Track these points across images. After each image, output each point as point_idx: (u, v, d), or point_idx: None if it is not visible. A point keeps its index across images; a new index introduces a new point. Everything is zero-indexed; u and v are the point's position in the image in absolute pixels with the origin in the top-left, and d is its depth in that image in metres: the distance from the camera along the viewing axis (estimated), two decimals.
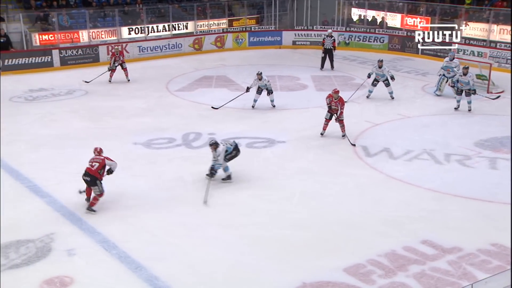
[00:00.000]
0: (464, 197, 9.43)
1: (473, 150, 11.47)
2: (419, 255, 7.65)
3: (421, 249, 7.80)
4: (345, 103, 12.25)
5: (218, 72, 18.66)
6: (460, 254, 7.65)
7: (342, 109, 12.15)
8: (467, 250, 7.71)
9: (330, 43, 18.99)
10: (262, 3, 23.58)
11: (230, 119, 13.80)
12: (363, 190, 9.85)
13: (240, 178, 10.36)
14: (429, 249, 7.79)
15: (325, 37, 19.20)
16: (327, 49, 18.93)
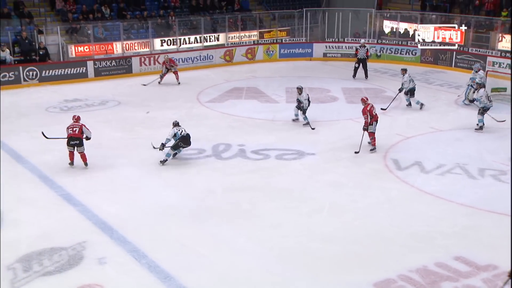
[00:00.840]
0: (499, 213, 9.22)
1: (508, 165, 11.21)
2: (452, 272, 7.51)
3: (454, 265, 7.65)
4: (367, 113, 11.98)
5: (249, 84, 18.77)
6: (496, 272, 7.47)
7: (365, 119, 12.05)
8: (503, 268, 7.51)
9: (363, 53, 19.19)
10: (293, 15, 23.67)
11: (260, 131, 13.84)
12: (394, 204, 9.73)
13: (269, 189, 10.37)
14: (462, 266, 7.64)
15: (358, 48, 19.41)
16: (360, 59, 19.13)
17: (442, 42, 20.73)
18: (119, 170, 11.33)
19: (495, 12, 20.43)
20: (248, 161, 11.82)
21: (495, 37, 19.47)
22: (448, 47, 20.18)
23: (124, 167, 11.47)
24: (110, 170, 11.31)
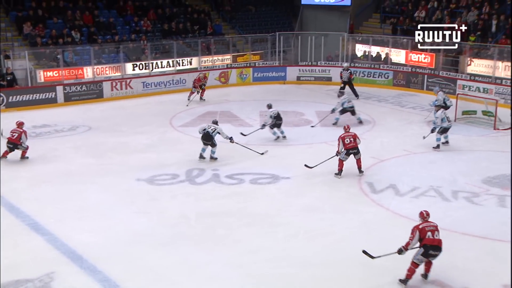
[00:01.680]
0: (473, 235, 9.36)
1: (481, 187, 11.44)
2: None
3: None
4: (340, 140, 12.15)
5: (222, 108, 18.82)
6: None
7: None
8: None
9: (347, 76, 20.01)
10: (266, 39, 23.96)
11: (235, 155, 13.83)
12: (370, 227, 9.80)
13: (244, 214, 10.35)
14: None
15: (342, 71, 20.26)
16: (345, 81, 20.06)
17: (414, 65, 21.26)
18: (90, 197, 11.16)
19: (463, 37, 21.05)
20: (222, 185, 11.79)
21: (464, 61, 20.02)
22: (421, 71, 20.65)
23: (95, 194, 11.30)
24: (80, 197, 11.14)
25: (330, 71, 22.78)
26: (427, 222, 7.95)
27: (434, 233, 7.79)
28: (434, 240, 7.74)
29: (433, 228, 7.85)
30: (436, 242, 7.75)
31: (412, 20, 23.46)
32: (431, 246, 7.74)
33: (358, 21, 26.27)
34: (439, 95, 15.97)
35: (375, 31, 25.03)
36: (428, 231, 7.79)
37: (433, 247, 7.76)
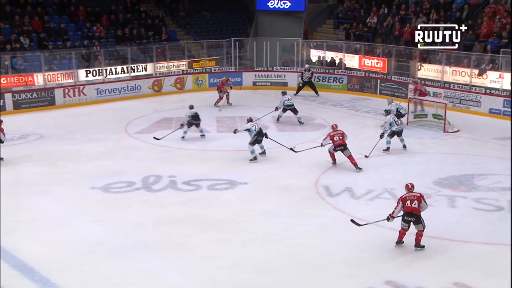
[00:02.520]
0: (425, 235, 9.58)
1: (433, 189, 11.78)
2: None
3: None
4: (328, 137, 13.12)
5: (178, 114, 18.67)
6: None
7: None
8: None
9: (308, 76, 21.13)
10: (221, 45, 23.99)
11: (191, 161, 13.80)
12: (326, 231, 9.94)
13: (201, 221, 10.32)
14: None
15: (303, 72, 21.32)
16: (305, 81, 21.13)
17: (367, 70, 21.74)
18: (42, 207, 10.90)
19: (413, 42, 21.69)
20: (179, 192, 11.73)
21: (415, 65, 20.61)
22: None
23: (48, 203, 11.04)
24: (32, 207, 10.86)
25: (286, 76, 23.02)
26: (410, 193, 9.15)
27: (413, 202, 8.98)
28: (409, 208, 8.95)
29: (413, 198, 9.05)
30: (410, 209, 8.96)
31: (364, 25, 24.00)
32: (407, 212, 8.99)
33: (312, 26, 26.67)
34: (392, 105, 16.31)
35: (329, 36, 25.46)
36: (408, 200, 9.05)
37: (408, 214, 8.98)
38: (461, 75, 19.19)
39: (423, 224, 9.02)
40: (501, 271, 8.29)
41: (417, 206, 8.97)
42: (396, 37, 22.47)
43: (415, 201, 9.00)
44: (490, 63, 18.73)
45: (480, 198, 11.18)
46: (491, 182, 12.01)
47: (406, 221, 9.05)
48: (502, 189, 11.64)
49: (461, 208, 10.76)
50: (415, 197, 9.05)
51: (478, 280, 8.07)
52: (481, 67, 18.78)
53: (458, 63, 19.45)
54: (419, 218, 9.00)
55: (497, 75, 18.22)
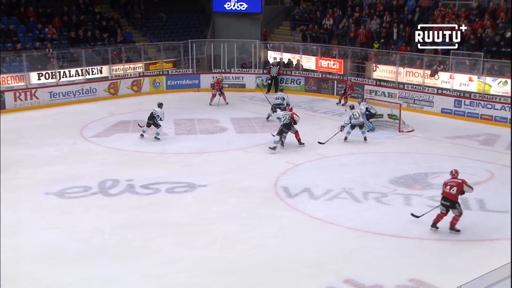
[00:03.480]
0: (382, 234, 9.83)
1: (389, 188, 12.03)
2: None
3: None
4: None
5: (136, 117, 18.45)
6: None
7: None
8: (387, 287, 8.00)
9: (276, 71, 21.98)
10: (179, 47, 23.83)
11: (149, 165, 13.65)
12: (286, 231, 10.01)
13: (160, 224, 10.22)
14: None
15: (271, 66, 22.16)
16: (273, 76, 21.94)
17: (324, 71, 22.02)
18: None
19: (368, 44, 22.13)
20: (137, 196, 11.59)
21: (370, 67, 21.02)
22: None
23: None
24: None
25: (244, 78, 23.05)
26: (453, 179, 9.70)
27: (452, 188, 9.54)
28: (446, 192, 9.54)
29: (453, 184, 9.57)
30: (447, 194, 9.53)
31: (320, 27, 24.30)
32: (443, 197, 9.59)
33: (270, 28, 26.81)
34: (362, 105, 16.61)
35: (286, 38, 25.64)
36: (448, 185, 9.60)
37: (444, 198, 9.59)
38: (414, 76, 19.70)
39: (459, 210, 9.55)
40: (455, 267, 8.57)
41: (455, 192, 9.48)
42: (351, 39, 22.84)
43: (454, 187, 9.49)
44: (441, 64, 19.28)
45: (434, 196, 11.44)
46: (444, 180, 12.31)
47: (443, 205, 9.60)
48: None
49: (416, 206, 11.01)
50: (456, 184, 9.53)
51: (433, 276, 8.29)
52: (433, 68, 19.32)
53: (411, 64, 19.95)
54: (455, 204, 9.51)
55: (448, 75, 18.78)
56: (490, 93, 17.77)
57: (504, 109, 17.19)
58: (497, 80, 17.63)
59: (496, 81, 17.66)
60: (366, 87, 20.52)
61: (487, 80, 17.82)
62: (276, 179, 12.52)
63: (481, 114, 17.67)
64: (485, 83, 17.83)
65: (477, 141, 15.62)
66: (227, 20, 27.24)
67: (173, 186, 12.13)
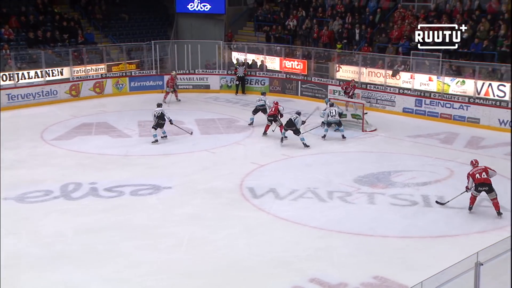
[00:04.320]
0: (347, 232, 9.94)
1: (353, 187, 12.19)
2: None
3: (309, 287, 8.04)
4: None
5: (98, 119, 18.20)
6: None
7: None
8: (352, 285, 8.10)
9: (242, 71, 21.93)
10: (141, 48, 23.57)
11: (112, 167, 13.46)
12: (252, 232, 10.02)
13: (125, 228, 10.09)
14: (317, 287, 8.05)
15: (237, 67, 22.12)
16: (240, 76, 21.90)
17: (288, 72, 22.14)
18: None
19: (331, 45, 22.38)
20: (101, 199, 11.42)
21: (333, 67, 21.25)
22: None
23: None
24: None
25: (208, 79, 22.98)
26: (476, 167, 10.57)
27: (481, 174, 10.39)
28: (480, 179, 10.36)
29: (480, 170, 10.46)
30: (482, 180, 10.37)
31: (284, 28, 24.43)
32: (479, 183, 10.38)
33: (233, 29, 26.80)
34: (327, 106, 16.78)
35: (250, 39, 25.69)
36: (477, 173, 10.45)
37: (481, 184, 10.38)
38: (376, 76, 20.01)
39: (495, 192, 10.32)
40: (418, 263, 8.74)
41: (486, 176, 10.33)
42: (314, 40, 23.04)
43: (483, 173, 10.37)
44: (402, 64, 19.65)
45: (397, 194, 11.70)
46: (406, 178, 12.59)
47: (479, 191, 10.43)
48: (416, 184, 12.24)
49: (380, 205, 11.21)
50: (482, 169, 10.44)
51: (396, 272, 8.43)
52: (394, 68, 19.67)
53: (373, 64, 20.27)
54: (491, 186, 10.30)
55: (408, 75, 19.15)
56: (449, 92, 18.21)
57: (462, 108, 17.65)
58: (455, 80, 18.08)
59: (454, 81, 18.11)
60: (329, 87, 20.72)
61: (446, 80, 18.26)
62: (241, 180, 12.52)
63: (440, 113, 18.09)
64: (444, 83, 18.26)
65: (437, 139, 15.98)
66: (190, 21, 27.11)
67: (137, 188, 11.99)
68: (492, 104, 17.20)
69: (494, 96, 17.24)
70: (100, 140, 15.75)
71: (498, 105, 17.07)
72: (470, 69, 18.06)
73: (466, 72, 18.28)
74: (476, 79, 17.58)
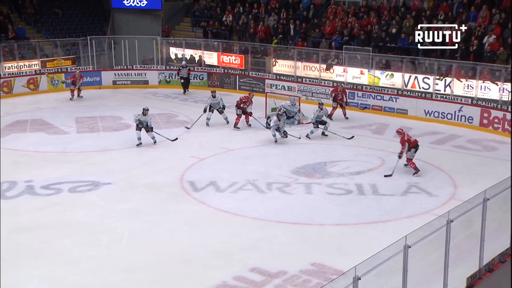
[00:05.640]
0: (285, 222, 10.07)
1: (291, 178, 12.34)
2: (249, 283, 7.96)
3: (250, 277, 8.12)
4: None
5: (33, 116, 17.50)
6: (285, 277, 8.13)
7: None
8: (291, 272, 8.22)
9: (185, 72, 21.21)
10: (77, 43, 22.80)
11: (49, 164, 13.01)
12: (193, 225, 9.97)
13: (63, 225, 9.81)
14: (257, 276, 8.14)
15: (180, 68, 21.35)
16: (184, 77, 21.21)
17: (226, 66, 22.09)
18: None
19: (267, 40, 22.52)
20: (38, 197, 11.05)
21: (270, 62, 21.40)
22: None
23: None
24: None
25: (147, 74, 22.57)
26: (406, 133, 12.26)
27: (411, 137, 12.29)
28: (415, 141, 12.24)
29: (409, 135, 12.29)
30: (416, 142, 12.24)
31: (221, 24, 24.35)
32: (415, 145, 12.19)
33: (171, 25, 26.43)
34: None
35: (188, 34, 25.44)
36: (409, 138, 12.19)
37: (416, 146, 12.20)
38: (311, 70, 20.32)
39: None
40: (352, 249, 8.98)
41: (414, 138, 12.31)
42: (251, 35, 23.10)
43: (412, 137, 12.30)
44: (335, 58, 20.05)
45: (332, 184, 11.95)
46: (341, 168, 12.89)
47: (416, 152, 12.14)
48: (350, 174, 12.55)
49: (316, 194, 11.42)
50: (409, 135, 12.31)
51: (333, 258, 8.64)
52: (328, 62, 20.04)
53: (308, 58, 20.57)
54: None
55: (342, 69, 19.57)
56: (379, 85, 18.75)
57: (392, 100, 18.22)
58: (385, 73, 18.66)
59: (384, 73, 18.68)
60: (266, 81, 20.86)
61: (376, 73, 18.80)
62: (182, 174, 12.41)
63: (372, 105, 18.60)
64: (375, 76, 18.79)
65: (369, 130, 16.44)
66: (127, 16, 26.53)
67: (76, 185, 11.67)
68: (418, 96, 17.86)
69: (420, 88, 17.90)
70: (35, 137, 15.18)
71: (424, 96, 17.75)
72: (398, 63, 18.65)
73: (394, 65, 18.88)
74: (403, 72, 18.20)
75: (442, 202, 10.81)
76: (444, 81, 17.44)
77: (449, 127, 16.43)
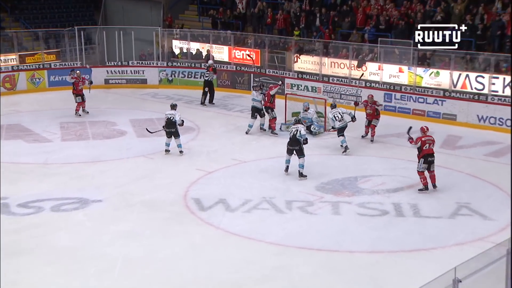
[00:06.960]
0: (308, 248, 10.05)
1: (315, 195, 12.34)
2: None
3: None
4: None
5: (10, 120, 17.73)
6: None
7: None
8: None
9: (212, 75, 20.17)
10: (62, 35, 23.09)
11: (29, 178, 13.20)
12: (198, 251, 10.01)
13: (44, 251, 9.91)
14: None
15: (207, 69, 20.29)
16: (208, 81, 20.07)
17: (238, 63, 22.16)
18: None
19: (288, 31, 22.55)
20: (13, 217, 11.19)
21: (291, 57, 21.40)
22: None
23: None
24: None
25: (145, 72, 22.77)
26: (427, 136, 12.12)
27: (430, 145, 12.02)
28: (430, 150, 11.98)
29: (430, 141, 12.08)
30: (432, 151, 12.03)
31: (232, 12, 24.48)
32: (428, 154, 11.96)
33: (173, 13, 26.68)
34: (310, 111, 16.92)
35: (193, 24, 25.66)
36: (427, 143, 12.01)
37: (430, 155, 11.99)
38: (340, 67, 20.28)
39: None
40: (389, 281, 8.93)
41: (433, 147, 12.05)
42: (268, 25, 23.18)
43: (432, 144, 12.04)
44: (369, 53, 19.98)
45: (365, 203, 11.92)
46: (374, 184, 12.86)
47: (428, 162, 11.99)
48: (386, 191, 12.51)
49: (345, 215, 11.40)
50: (432, 141, 12.08)
51: None
52: (359, 58, 19.98)
53: (336, 53, 20.56)
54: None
55: (376, 66, 19.50)
56: (421, 85, 18.65)
57: (437, 103, 18.14)
58: (429, 71, 18.57)
59: (427, 71, 18.59)
60: (286, 81, 20.89)
61: (418, 71, 18.72)
62: (185, 190, 12.49)
63: (413, 109, 18.52)
64: (416, 74, 18.71)
65: None
66: (121, 3, 26.85)
67: (60, 203, 11.81)
68: (470, 98, 17.75)
69: (472, 89, 17.79)
70: (12, 146, 15.38)
71: (477, 99, 17.62)
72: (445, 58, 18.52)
73: (440, 62, 18.75)
74: (451, 70, 18.10)
75: (499, 227, 10.72)
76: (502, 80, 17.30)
77: (508, 136, 16.27)
